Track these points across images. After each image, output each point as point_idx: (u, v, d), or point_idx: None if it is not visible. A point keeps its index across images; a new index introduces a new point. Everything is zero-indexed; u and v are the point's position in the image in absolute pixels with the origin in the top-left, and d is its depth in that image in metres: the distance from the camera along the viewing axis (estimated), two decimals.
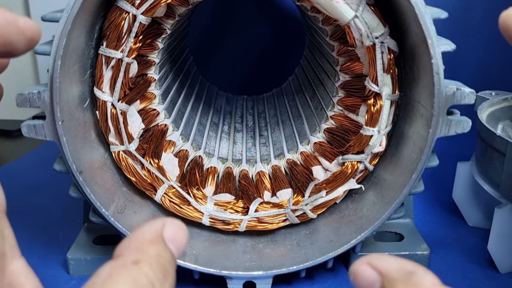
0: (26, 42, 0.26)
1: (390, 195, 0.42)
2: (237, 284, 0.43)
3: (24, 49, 0.26)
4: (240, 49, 0.80)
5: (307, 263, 0.43)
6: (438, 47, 0.36)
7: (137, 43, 0.40)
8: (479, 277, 0.46)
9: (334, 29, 0.44)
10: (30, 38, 0.26)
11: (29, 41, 0.26)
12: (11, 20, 0.25)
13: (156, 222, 0.24)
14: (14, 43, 0.26)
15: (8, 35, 0.25)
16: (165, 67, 0.50)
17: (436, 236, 0.53)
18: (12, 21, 0.25)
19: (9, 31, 0.25)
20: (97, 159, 0.42)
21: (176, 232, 0.24)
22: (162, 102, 0.48)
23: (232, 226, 0.44)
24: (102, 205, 0.41)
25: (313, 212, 0.44)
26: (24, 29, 0.26)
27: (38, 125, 0.38)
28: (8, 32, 0.25)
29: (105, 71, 0.40)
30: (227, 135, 0.58)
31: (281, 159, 0.50)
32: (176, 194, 0.44)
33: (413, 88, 0.40)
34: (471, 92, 0.38)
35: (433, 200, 0.59)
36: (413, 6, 0.35)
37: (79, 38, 0.38)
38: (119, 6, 0.39)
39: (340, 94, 0.46)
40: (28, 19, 0.26)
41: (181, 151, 0.48)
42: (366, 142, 0.42)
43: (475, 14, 0.74)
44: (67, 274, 0.47)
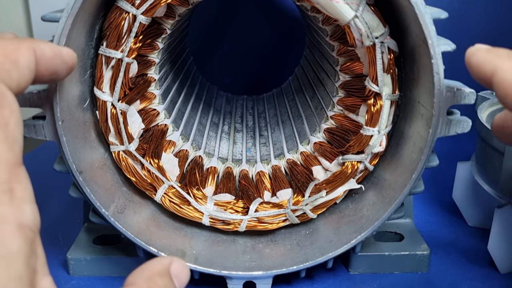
0: (68, 70, 0.30)
1: (390, 195, 0.42)
2: (237, 284, 0.43)
3: (66, 75, 0.30)
4: (240, 49, 0.80)
5: (307, 263, 0.43)
6: (438, 47, 0.36)
7: (137, 43, 0.40)
8: (479, 277, 0.46)
9: (334, 29, 0.44)
10: (71, 66, 0.30)
11: (70, 69, 0.30)
12: (57, 53, 0.29)
13: (164, 258, 0.28)
14: (59, 72, 0.29)
15: (56, 66, 0.29)
16: (165, 67, 0.50)
17: (436, 236, 0.53)
18: (58, 53, 0.29)
19: (56, 63, 0.28)
20: (97, 159, 0.42)
21: (181, 270, 0.27)
22: (162, 102, 0.48)
23: (232, 226, 0.44)
24: (102, 205, 0.41)
25: (313, 212, 0.44)
26: (67, 59, 0.29)
27: (38, 125, 0.38)
28: (56, 64, 0.28)
29: (105, 71, 0.40)
30: (227, 135, 0.58)
31: (281, 159, 0.50)
32: (176, 194, 0.44)
33: (413, 88, 0.40)
34: (471, 92, 0.38)
35: (433, 200, 0.59)
36: (413, 6, 0.35)
37: (79, 38, 0.38)
38: (119, 6, 0.39)
39: (340, 94, 0.46)
40: (68, 49, 0.30)
41: (181, 151, 0.48)
42: (366, 142, 0.42)
43: (475, 14, 0.74)
44: (67, 274, 0.47)
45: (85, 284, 0.46)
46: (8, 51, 0.25)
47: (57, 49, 0.29)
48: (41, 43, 0.28)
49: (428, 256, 0.47)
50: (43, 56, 0.27)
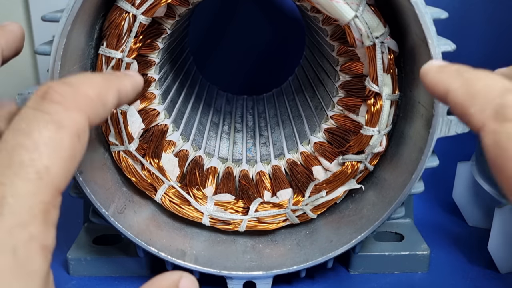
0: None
1: (390, 195, 0.42)
2: (237, 284, 0.43)
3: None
4: (240, 49, 0.80)
5: (307, 263, 0.43)
6: (438, 47, 0.36)
7: (137, 43, 0.40)
8: (479, 277, 0.46)
9: (334, 29, 0.44)
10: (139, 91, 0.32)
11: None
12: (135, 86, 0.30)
13: (174, 273, 0.27)
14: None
15: (132, 98, 0.31)
16: (165, 67, 0.50)
17: (436, 236, 0.53)
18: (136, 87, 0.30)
19: (133, 95, 0.30)
20: (97, 159, 0.42)
21: (190, 285, 0.26)
22: (162, 102, 0.48)
23: (232, 226, 0.44)
24: (102, 205, 0.41)
25: (313, 212, 0.44)
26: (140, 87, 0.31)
27: None
28: (133, 96, 0.30)
29: (105, 71, 0.40)
30: (227, 135, 0.58)
31: (281, 159, 0.50)
32: (176, 194, 0.44)
33: (413, 88, 0.40)
34: None
35: (433, 200, 0.59)
36: (413, 6, 0.35)
37: (79, 38, 0.38)
38: (119, 6, 0.39)
39: (340, 94, 0.46)
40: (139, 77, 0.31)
41: (181, 151, 0.48)
42: (366, 142, 0.42)
43: (475, 14, 0.74)
44: (67, 274, 0.47)
45: (85, 284, 0.46)
46: (102, 92, 0.26)
47: (136, 83, 0.31)
48: (126, 82, 0.29)
49: (428, 256, 0.47)
50: (126, 94, 0.29)
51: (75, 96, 0.24)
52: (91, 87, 0.26)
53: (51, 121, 0.23)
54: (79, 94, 0.25)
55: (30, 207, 0.22)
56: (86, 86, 0.25)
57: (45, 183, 0.23)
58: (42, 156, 0.22)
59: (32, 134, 0.23)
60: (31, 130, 0.23)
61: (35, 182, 0.22)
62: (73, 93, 0.24)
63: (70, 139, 0.24)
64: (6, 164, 0.22)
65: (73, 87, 0.25)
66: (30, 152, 0.22)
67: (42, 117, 0.23)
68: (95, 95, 0.26)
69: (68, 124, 0.24)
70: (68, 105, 0.24)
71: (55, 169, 0.23)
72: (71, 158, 0.24)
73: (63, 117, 0.23)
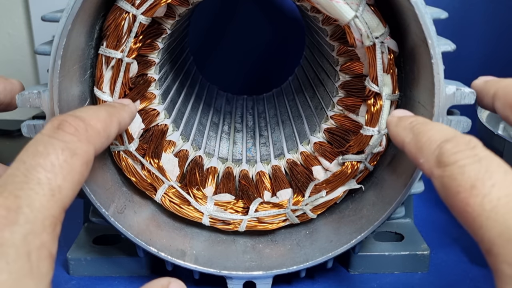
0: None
1: (390, 195, 0.42)
2: (237, 284, 0.43)
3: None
4: (240, 49, 0.80)
5: (307, 263, 0.43)
6: (438, 47, 0.36)
7: (137, 43, 0.40)
8: (479, 277, 0.46)
9: (334, 29, 0.44)
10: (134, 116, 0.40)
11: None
12: (132, 116, 0.38)
13: (163, 279, 0.29)
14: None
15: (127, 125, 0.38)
16: (165, 67, 0.51)
17: (436, 236, 0.53)
18: (132, 116, 0.38)
19: (129, 123, 0.39)
20: (97, 159, 0.42)
21: None
22: (162, 102, 0.48)
23: (232, 226, 0.44)
24: (102, 205, 0.41)
25: (313, 212, 0.44)
26: (134, 114, 0.40)
27: (38, 125, 0.38)
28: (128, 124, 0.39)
29: (105, 71, 0.40)
30: (227, 135, 0.58)
31: (281, 159, 0.50)
32: (176, 194, 0.44)
33: (413, 88, 0.40)
34: (471, 92, 0.38)
35: (433, 200, 0.59)
36: (413, 6, 0.35)
37: (79, 38, 0.38)
38: (119, 6, 0.39)
39: (340, 94, 0.46)
40: (134, 106, 0.39)
41: (181, 151, 0.48)
42: (366, 142, 0.42)
43: (475, 14, 0.74)
44: (67, 274, 0.47)
45: (85, 284, 0.46)
46: (107, 126, 0.32)
47: (132, 113, 0.38)
48: (124, 114, 0.36)
49: (428, 256, 0.47)
50: (124, 125, 0.36)
51: (87, 130, 0.29)
52: (99, 121, 0.30)
53: (66, 148, 0.27)
54: (90, 128, 0.29)
55: (43, 219, 0.25)
56: (95, 121, 0.30)
57: (56, 200, 0.26)
58: (57, 177, 0.26)
59: (49, 157, 0.26)
60: (49, 153, 0.26)
61: (48, 198, 0.25)
62: (85, 127, 0.29)
63: (81, 165, 0.27)
64: (23, 180, 0.25)
65: (85, 121, 0.29)
66: (47, 171, 0.26)
67: (59, 144, 0.27)
68: (102, 129, 0.30)
69: (80, 153, 0.28)
70: (81, 137, 0.28)
71: (66, 190, 0.26)
72: (79, 182, 0.27)
73: (77, 146, 0.28)
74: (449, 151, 0.28)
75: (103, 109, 0.33)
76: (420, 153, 0.30)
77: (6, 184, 0.25)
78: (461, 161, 0.27)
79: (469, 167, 0.27)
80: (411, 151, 0.31)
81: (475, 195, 0.26)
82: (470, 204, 0.26)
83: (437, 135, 0.30)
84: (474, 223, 0.26)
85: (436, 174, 0.28)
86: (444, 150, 0.28)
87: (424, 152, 0.30)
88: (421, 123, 0.33)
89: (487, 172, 0.27)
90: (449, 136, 0.29)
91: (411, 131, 0.32)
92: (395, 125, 0.34)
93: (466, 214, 0.26)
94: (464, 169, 0.27)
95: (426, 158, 0.30)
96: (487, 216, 0.25)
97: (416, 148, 0.31)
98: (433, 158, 0.29)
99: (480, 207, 0.26)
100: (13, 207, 0.24)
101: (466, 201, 0.26)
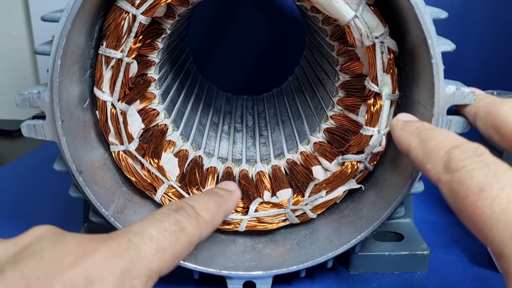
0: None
1: (390, 195, 0.42)
2: (237, 284, 0.43)
3: None
4: (240, 49, 0.80)
5: (307, 263, 0.43)
6: (438, 47, 0.36)
7: (137, 43, 0.40)
8: (479, 277, 0.46)
9: (334, 29, 0.44)
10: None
11: None
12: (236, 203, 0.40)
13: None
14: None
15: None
16: (165, 67, 0.51)
17: (436, 236, 0.53)
18: (236, 204, 0.40)
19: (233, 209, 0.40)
20: (97, 159, 0.42)
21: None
22: (162, 102, 0.48)
23: (232, 226, 0.44)
24: (102, 205, 0.41)
25: (313, 212, 0.44)
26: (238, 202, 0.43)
27: (38, 125, 0.38)
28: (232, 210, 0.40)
29: (105, 71, 0.40)
30: (227, 135, 0.58)
31: (281, 159, 0.50)
32: (176, 194, 0.44)
33: (413, 88, 0.40)
34: (471, 92, 0.38)
35: (433, 200, 0.59)
36: (413, 6, 0.35)
37: (79, 38, 0.38)
38: (119, 6, 0.39)
39: (340, 94, 0.46)
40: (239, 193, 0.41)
41: (181, 151, 0.48)
42: (366, 142, 0.42)
43: (475, 14, 0.74)
44: None
45: None
46: (215, 217, 0.35)
47: (238, 201, 0.40)
48: (230, 204, 0.39)
49: (428, 256, 0.47)
50: (229, 213, 0.39)
51: (197, 218, 0.32)
52: (208, 213, 0.34)
53: (178, 223, 0.30)
54: (200, 218, 0.32)
55: (142, 267, 0.27)
56: (204, 212, 0.33)
57: (158, 258, 0.28)
58: (165, 240, 0.29)
59: (163, 223, 0.30)
60: (163, 221, 0.30)
61: (153, 253, 0.28)
62: (196, 216, 0.32)
63: (185, 242, 0.30)
64: (138, 231, 0.28)
65: (196, 211, 0.33)
66: (159, 232, 0.29)
67: (173, 218, 0.30)
68: (210, 220, 0.34)
69: (187, 232, 0.31)
70: (192, 222, 0.31)
71: (168, 255, 0.29)
72: (180, 255, 0.30)
73: (186, 226, 0.31)
74: (458, 157, 0.29)
75: (213, 201, 0.36)
76: (427, 159, 0.31)
77: (125, 229, 0.28)
78: (469, 166, 0.28)
79: (477, 171, 0.27)
80: (418, 157, 0.32)
81: (484, 198, 0.26)
82: (479, 207, 0.26)
83: (445, 142, 0.30)
84: (483, 226, 0.26)
85: (444, 179, 0.29)
86: (453, 156, 0.29)
87: (431, 158, 0.30)
88: (428, 129, 0.33)
89: (495, 176, 0.27)
90: (457, 143, 0.30)
91: (418, 137, 0.33)
92: (400, 129, 0.35)
93: (475, 218, 0.26)
94: (473, 173, 0.27)
95: (434, 163, 0.30)
96: (497, 219, 0.25)
97: (423, 154, 0.31)
98: (441, 164, 0.29)
99: (489, 210, 0.26)
100: (125, 245, 0.27)
101: (475, 204, 0.26)
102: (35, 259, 0.25)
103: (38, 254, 0.26)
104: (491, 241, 0.26)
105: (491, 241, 0.26)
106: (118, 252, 0.26)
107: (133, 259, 0.27)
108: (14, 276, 0.24)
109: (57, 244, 0.26)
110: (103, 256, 0.26)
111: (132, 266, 0.27)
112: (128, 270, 0.26)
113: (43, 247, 0.26)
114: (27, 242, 0.27)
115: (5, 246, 0.27)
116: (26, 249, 0.26)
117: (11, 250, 0.26)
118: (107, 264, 0.26)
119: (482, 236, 0.26)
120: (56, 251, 0.26)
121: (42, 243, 0.26)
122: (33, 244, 0.26)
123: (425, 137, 0.32)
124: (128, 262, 0.26)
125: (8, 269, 0.25)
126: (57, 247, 0.26)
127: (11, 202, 0.61)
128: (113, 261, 0.26)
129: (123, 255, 0.26)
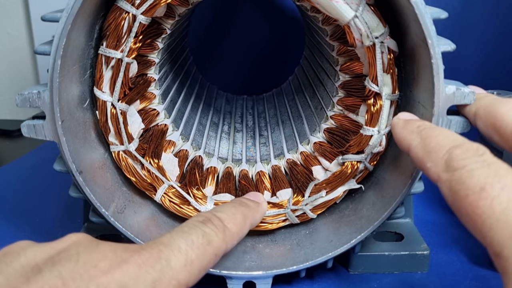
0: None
1: (390, 195, 0.42)
2: (237, 284, 0.43)
3: None
4: (240, 49, 0.80)
5: (307, 263, 0.43)
6: (438, 47, 0.36)
7: (137, 43, 0.40)
8: (479, 277, 0.46)
9: (334, 29, 0.44)
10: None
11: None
12: (262, 214, 0.42)
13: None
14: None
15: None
16: (165, 67, 0.51)
17: (436, 236, 0.53)
18: (263, 215, 0.42)
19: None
20: (97, 159, 0.42)
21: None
22: (162, 102, 0.48)
23: None
24: (102, 205, 0.41)
25: (313, 212, 0.44)
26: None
27: (38, 125, 0.38)
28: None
29: (105, 71, 0.40)
30: (227, 135, 0.58)
31: (281, 159, 0.50)
32: (176, 194, 0.44)
33: (413, 88, 0.40)
34: (471, 92, 0.38)
35: (433, 200, 0.59)
36: (413, 6, 0.35)
37: (79, 38, 0.38)
38: (119, 6, 0.39)
39: (340, 94, 0.46)
40: (266, 204, 0.44)
41: (181, 151, 0.48)
42: (366, 142, 0.42)
43: (475, 14, 0.74)
44: None
45: None
46: (241, 229, 0.36)
47: (264, 212, 0.42)
48: (257, 216, 0.40)
49: (428, 256, 0.47)
50: (255, 224, 0.40)
51: (224, 230, 0.33)
52: (235, 225, 0.34)
53: (205, 235, 0.31)
54: (227, 229, 0.33)
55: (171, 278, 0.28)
56: (231, 225, 0.34)
57: (186, 270, 0.29)
58: (193, 252, 0.29)
59: (191, 236, 0.30)
60: (191, 233, 0.31)
61: (181, 265, 0.29)
62: (223, 227, 0.33)
63: (211, 254, 0.31)
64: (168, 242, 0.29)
65: (223, 222, 0.33)
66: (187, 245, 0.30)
67: (200, 231, 0.31)
68: (236, 232, 0.34)
69: (214, 245, 0.31)
70: (218, 234, 0.32)
71: (195, 267, 0.29)
72: (205, 268, 0.30)
73: (213, 238, 0.32)
74: (458, 157, 0.29)
75: (240, 212, 0.37)
76: (427, 157, 0.31)
77: (155, 241, 0.29)
78: (470, 165, 0.28)
79: (478, 171, 0.27)
80: (418, 155, 0.32)
81: (484, 197, 0.26)
82: (479, 207, 0.26)
83: (446, 141, 0.30)
84: (482, 226, 0.26)
85: (444, 178, 0.29)
86: (454, 155, 0.29)
87: (432, 157, 0.30)
88: (429, 128, 0.33)
89: (496, 176, 0.27)
90: (458, 142, 0.30)
91: (419, 135, 0.33)
92: (401, 128, 0.35)
93: (474, 217, 0.26)
94: (473, 173, 0.27)
95: (434, 162, 0.30)
96: (497, 219, 0.25)
97: (424, 152, 0.31)
98: (442, 162, 0.29)
99: (489, 210, 0.26)
100: (155, 256, 0.28)
101: (475, 204, 0.26)
102: (71, 262, 0.26)
103: (74, 257, 0.26)
104: (490, 241, 0.26)
105: (490, 241, 0.26)
106: (150, 262, 0.27)
107: (163, 269, 0.28)
108: (52, 276, 0.25)
109: (93, 250, 0.27)
110: (136, 265, 0.27)
111: (162, 276, 0.27)
112: (159, 280, 0.27)
113: (79, 251, 0.27)
114: (64, 246, 0.28)
115: (42, 248, 0.28)
116: (63, 252, 0.27)
117: (48, 253, 0.27)
118: (140, 272, 0.27)
119: (481, 235, 0.26)
120: (92, 256, 0.27)
121: (79, 247, 0.27)
122: (70, 248, 0.27)
123: (426, 136, 0.32)
124: (159, 272, 0.27)
125: (46, 269, 0.26)
126: (93, 252, 0.27)
127: (11, 202, 0.61)
128: (145, 270, 0.27)
129: (154, 265, 0.27)
